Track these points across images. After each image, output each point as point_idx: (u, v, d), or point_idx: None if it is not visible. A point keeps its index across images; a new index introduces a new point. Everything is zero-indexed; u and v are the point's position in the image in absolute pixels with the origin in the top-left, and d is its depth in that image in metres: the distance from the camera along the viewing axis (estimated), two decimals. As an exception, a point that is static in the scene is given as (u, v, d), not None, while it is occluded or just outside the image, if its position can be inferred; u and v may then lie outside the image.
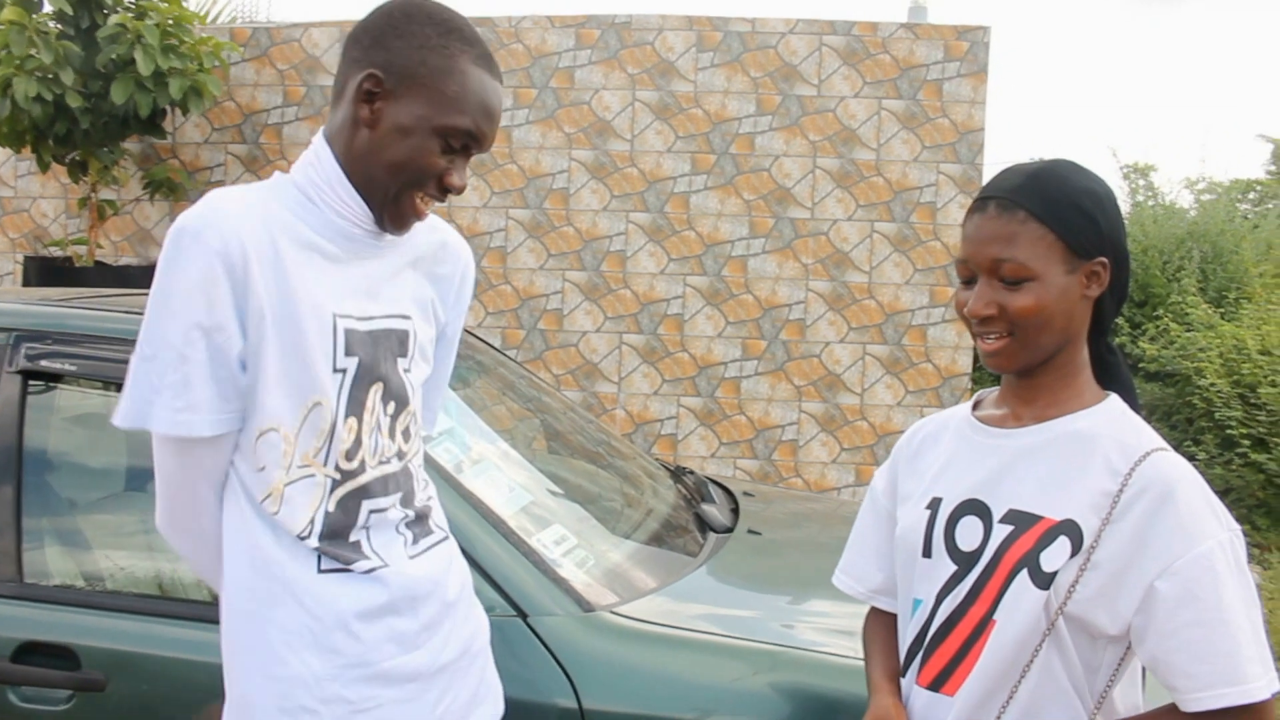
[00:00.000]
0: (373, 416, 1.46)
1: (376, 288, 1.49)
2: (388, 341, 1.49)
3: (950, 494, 1.44)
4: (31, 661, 2.04)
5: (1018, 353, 1.37)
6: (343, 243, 1.44)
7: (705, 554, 2.45)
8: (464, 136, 1.40)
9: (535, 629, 1.93)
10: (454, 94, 1.38)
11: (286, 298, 1.38)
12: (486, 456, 2.49)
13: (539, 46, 5.95)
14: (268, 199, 1.41)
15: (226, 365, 1.36)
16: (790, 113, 5.84)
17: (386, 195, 1.42)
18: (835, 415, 5.96)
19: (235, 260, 1.33)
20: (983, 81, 5.72)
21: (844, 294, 5.90)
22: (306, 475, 1.42)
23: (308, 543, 1.42)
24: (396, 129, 1.39)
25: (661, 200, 5.97)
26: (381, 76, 1.38)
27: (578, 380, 6.09)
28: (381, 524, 1.49)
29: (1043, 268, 1.33)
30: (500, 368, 3.14)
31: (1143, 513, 1.29)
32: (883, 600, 1.59)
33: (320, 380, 1.41)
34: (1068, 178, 1.37)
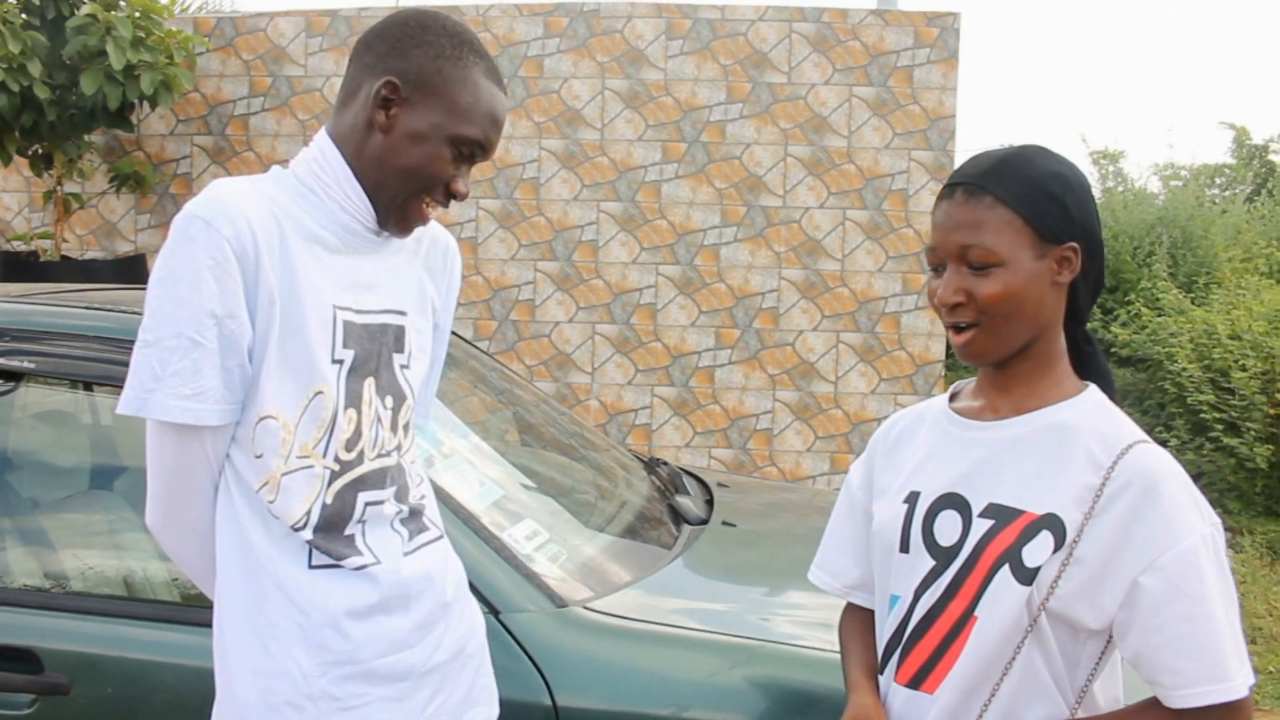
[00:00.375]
0: (371, 409, 1.47)
1: (374, 281, 1.50)
2: (383, 336, 1.50)
3: (928, 488, 1.42)
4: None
5: (988, 342, 1.35)
6: (344, 235, 1.46)
7: (680, 547, 2.43)
8: (474, 146, 1.44)
9: (508, 626, 1.90)
10: (467, 104, 1.42)
11: (292, 285, 1.39)
12: (457, 450, 2.46)
13: (507, 35, 5.90)
14: (274, 189, 1.44)
15: (237, 354, 1.37)
16: (761, 100, 5.82)
17: (395, 199, 1.44)
18: (809, 404, 5.96)
19: (247, 247, 1.35)
20: (953, 68, 5.72)
21: (817, 282, 5.89)
22: (305, 466, 1.42)
23: (302, 534, 1.41)
24: (411, 135, 1.42)
25: (633, 189, 5.94)
26: (399, 84, 1.41)
27: (551, 371, 6.06)
28: (377, 518, 1.48)
29: (1010, 253, 1.31)
30: (471, 360, 3.11)
31: (1126, 507, 1.28)
32: (859, 596, 1.57)
33: (321, 369, 1.41)
34: (1035, 162, 1.36)
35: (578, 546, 2.28)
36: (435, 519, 1.62)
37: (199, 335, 1.34)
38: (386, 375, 1.50)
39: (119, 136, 6.08)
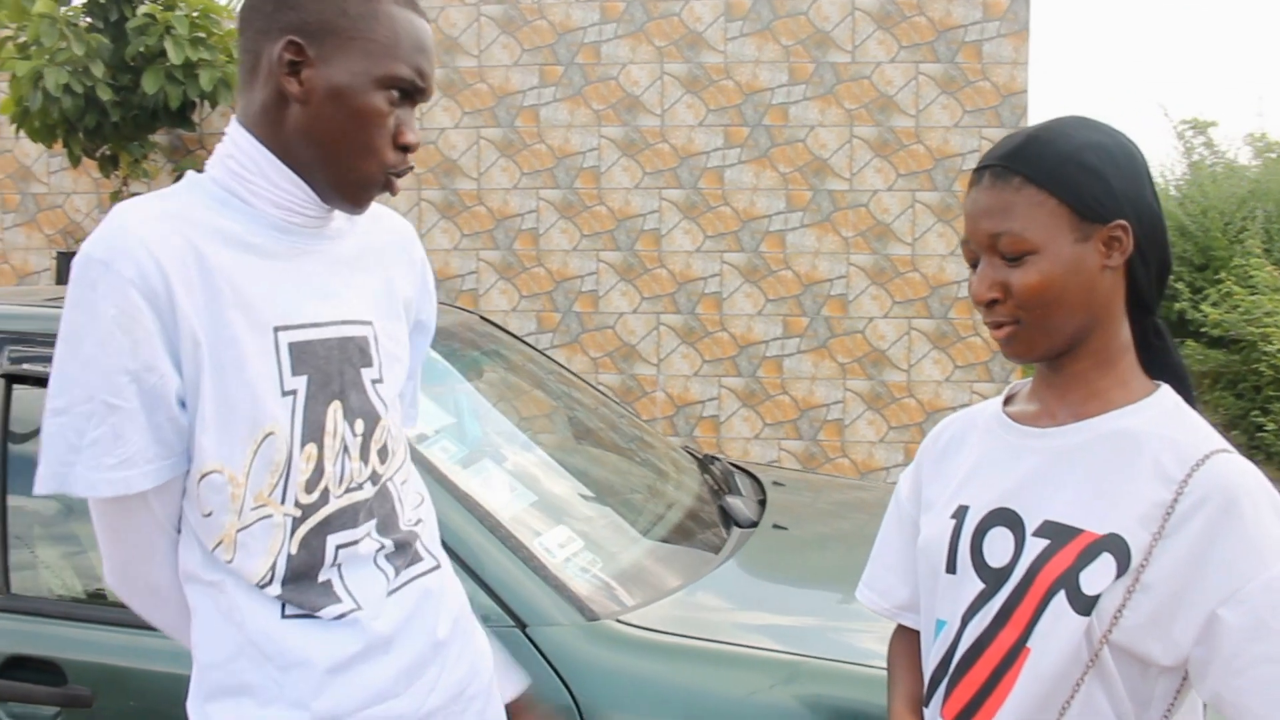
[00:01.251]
0: (335, 440, 1.29)
1: (329, 287, 1.31)
2: (345, 351, 1.31)
3: (977, 502, 1.26)
4: (18, 676, 1.97)
5: (1033, 338, 1.20)
6: (282, 238, 1.27)
7: (726, 552, 2.30)
8: (407, 84, 1.26)
9: (534, 640, 1.80)
10: (386, 40, 1.23)
11: (219, 317, 1.21)
12: (491, 453, 2.37)
13: (564, 22, 5.80)
14: (185, 203, 1.24)
15: (164, 408, 1.20)
16: (824, 81, 5.64)
17: (339, 174, 1.26)
18: (881, 393, 5.78)
19: (156, 287, 1.16)
20: (1024, 41, 5.48)
21: (886, 267, 5.70)
22: (262, 517, 1.25)
23: (269, 590, 1.26)
24: (333, 94, 1.23)
25: (695, 176, 5.81)
26: (301, 42, 1.22)
27: (615, 363, 5.96)
28: (354, 560, 1.31)
29: (1044, 238, 1.17)
30: (514, 353, 3.01)
31: (1202, 527, 1.11)
32: (909, 617, 1.41)
33: (268, 407, 1.23)
34: (1070, 133, 1.20)
35: (615, 554, 2.16)
36: (432, 547, 1.44)
37: (114, 397, 1.17)
38: (355, 395, 1.31)
39: (182, 136, 6.12)
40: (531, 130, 5.87)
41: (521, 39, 5.83)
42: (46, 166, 6.37)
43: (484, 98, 5.89)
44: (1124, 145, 1.21)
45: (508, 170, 5.90)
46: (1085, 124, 1.22)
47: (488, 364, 2.87)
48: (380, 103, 1.24)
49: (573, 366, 5.96)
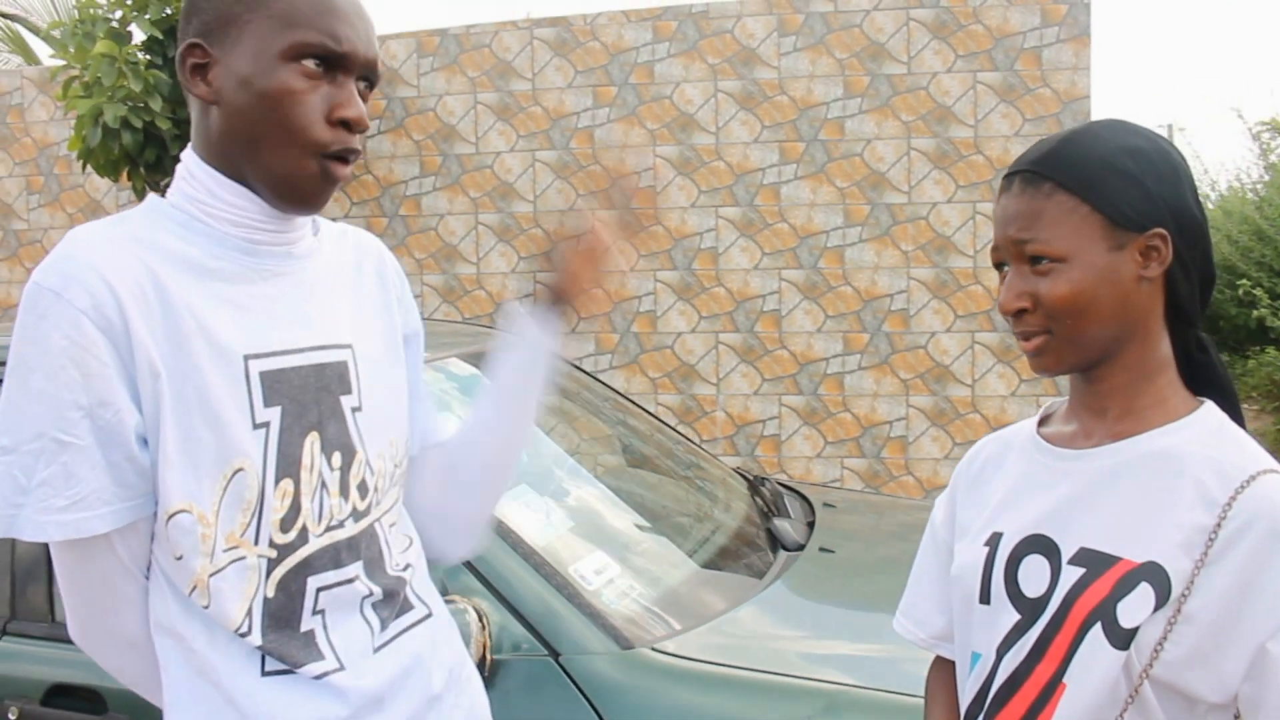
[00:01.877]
0: (313, 475, 1.19)
1: (302, 310, 1.22)
2: (323, 379, 1.21)
3: (1012, 529, 1.20)
4: (60, 704, 1.99)
5: (1062, 350, 1.14)
6: (247, 260, 1.19)
7: (770, 577, 2.24)
8: (320, 49, 1.14)
9: (567, 669, 1.77)
10: (283, 11, 1.13)
11: (181, 346, 1.12)
12: (533, 477, 2.34)
13: (616, 43, 5.80)
14: (143, 227, 1.17)
15: (122, 446, 1.11)
16: (880, 93, 5.56)
17: (270, 166, 1.15)
18: (946, 409, 5.66)
19: (111, 317, 1.09)
20: (1085, 46, 5.34)
21: (948, 280, 5.59)
22: (235, 560, 1.15)
23: (249, 640, 1.16)
24: (240, 85, 1.14)
25: (751, 193, 5.76)
26: (201, 43, 1.15)
27: (675, 383, 5.91)
28: (338, 605, 1.22)
29: (1074, 246, 1.11)
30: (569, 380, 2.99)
31: (1248, 553, 1.03)
32: (946, 647, 1.34)
33: (238, 441, 1.14)
34: (1104, 137, 1.14)
35: (655, 580, 2.12)
36: (423, 593, 1.34)
37: (65, 434, 1.08)
38: (334, 426, 1.22)
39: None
40: (586, 152, 5.87)
41: (575, 61, 5.84)
42: (116, 200, 6.53)
43: (539, 120, 5.90)
44: (1162, 149, 1.15)
45: (564, 192, 5.91)
46: (1122, 127, 1.16)
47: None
48: (290, 78, 1.13)
49: (632, 387, 5.93)
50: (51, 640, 2.06)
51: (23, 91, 6.55)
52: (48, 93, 6.48)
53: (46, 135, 6.54)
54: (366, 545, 1.25)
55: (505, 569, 1.85)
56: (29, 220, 6.62)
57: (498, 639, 1.79)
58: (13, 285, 6.69)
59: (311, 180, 1.17)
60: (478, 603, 1.78)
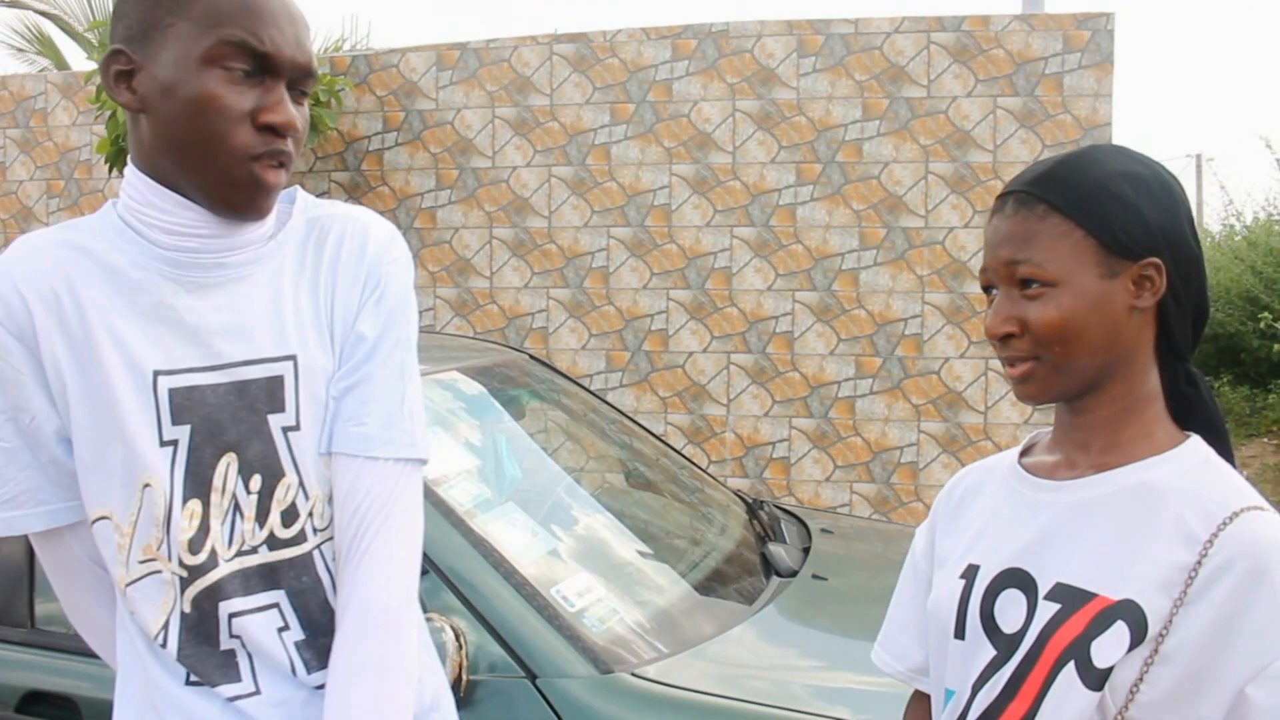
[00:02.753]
0: (224, 497, 1.15)
1: (237, 323, 1.17)
2: (247, 396, 1.16)
3: (989, 561, 1.16)
4: (35, 711, 1.97)
5: (1049, 378, 1.10)
6: (173, 271, 1.15)
7: (759, 603, 2.20)
8: (243, 52, 1.09)
9: (543, 692, 1.73)
10: (204, 14, 1.08)
11: (90, 359, 1.12)
12: (524, 496, 2.31)
13: (635, 60, 5.79)
14: (85, 234, 1.16)
15: (46, 448, 1.14)
16: (899, 116, 5.53)
17: (199, 172, 1.11)
18: (957, 435, 5.60)
19: (23, 325, 1.11)
20: (1107, 73, 5.30)
21: (963, 306, 5.54)
22: (151, 571, 1.15)
23: (166, 651, 1.15)
24: (163, 92, 1.10)
25: (767, 214, 5.72)
26: (125, 49, 1.12)
27: (685, 403, 5.88)
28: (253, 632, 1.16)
29: (1066, 271, 1.07)
30: (562, 393, 2.96)
31: (1228, 593, 0.99)
32: (924, 681, 1.30)
33: (144, 457, 1.13)
34: (1103, 161, 1.11)
35: (641, 603, 2.08)
36: None
37: None
38: (257, 446, 1.16)
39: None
40: (603, 168, 5.86)
41: (593, 77, 5.83)
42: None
43: (556, 136, 5.90)
44: (1160, 177, 1.11)
45: (579, 208, 5.90)
46: (1122, 153, 1.13)
47: (533, 403, 2.83)
48: (212, 84, 1.09)
49: (641, 406, 5.90)
50: (27, 646, 2.04)
51: (47, 96, 6.60)
52: (71, 97, 6.53)
53: (68, 140, 6.59)
54: (293, 575, 1.19)
55: (485, 587, 1.82)
56: (49, 223, 6.66)
57: (474, 658, 1.76)
58: (30, 287, 6.73)
59: (243, 187, 1.12)
60: (455, 621, 1.75)
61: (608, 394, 5.91)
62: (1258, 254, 8.85)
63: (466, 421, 2.41)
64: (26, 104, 6.62)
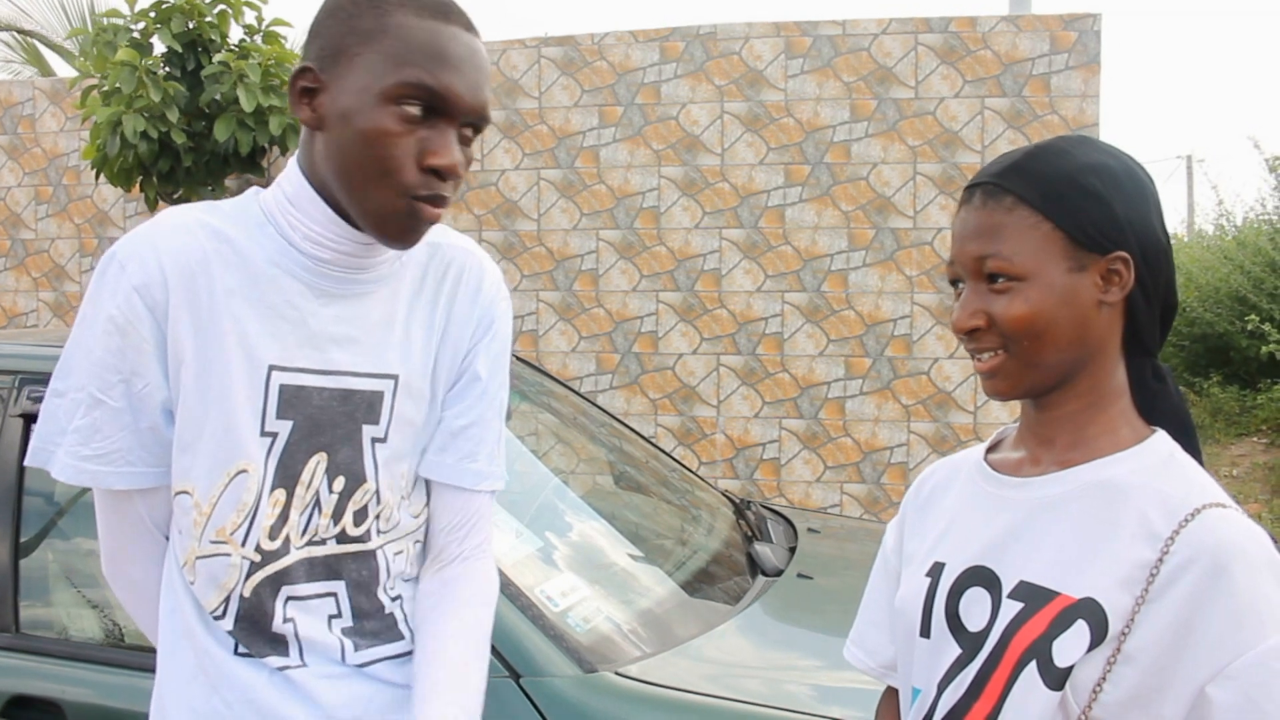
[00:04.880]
0: (308, 491, 1.23)
1: (350, 335, 1.24)
2: (348, 404, 1.24)
3: (955, 559, 1.15)
4: (21, 717, 1.97)
5: (1017, 373, 1.09)
6: (304, 275, 1.21)
7: (745, 602, 2.20)
8: (421, 94, 1.13)
9: (528, 691, 1.73)
10: (392, 51, 1.13)
11: (212, 342, 1.18)
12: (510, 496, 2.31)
13: (623, 63, 5.80)
14: (226, 219, 1.21)
15: (149, 415, 1.20)
16: (887, 117, 5.54)
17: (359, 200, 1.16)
18: (947, 435, 5.61)
19: (157, 297, 1.16)
20: (1095, 74, 5.32)
21: (952, 307, 5.54)
22: (220, 553, 1.22)
23: (222, 624, 1.24)
24: (341, 117, 1.14)
25: (755, 215, 5.74)
26: (313, 68, 1.17)
27: (675, 405, 5.88)
28: (306, 615, 1.25)
29: (1035, 265, 1.06)
30: (549, 395, 2.96)
31: (1188, 592, 0.98)
32: (895, 677, 1.30)
33: (244, 444, 1.20)
34: (1071, 153, 1.09)
35: (626, 603, 2.09)
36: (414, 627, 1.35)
37: (101, 393, 1.18)
38: (347, 452, 1.25)
39: (251, 180, 6.24)
40: (591, 171, 5.86)
41: (581, 80, 5.84)
42: (123, 211, 6.55)
43: (544, 139, 5.91)
44: (1130, 169, 1.10)
45: (568, 211, 5.90)
46: (1088, 143, 1.12)
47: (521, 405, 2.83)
48: (387, 120, 1.13)
49: (632, 408, 5.90)
50: (13, 651, 2.04)
51: (34, 102, 6.60)
52: (59, 103, 6.52)
53: (56, 145, 6.58)
54: (354, 568, 1.28)
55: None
56: (36, 230, 6.65)
57: (458, 659, 1.75)
58: (19, 294, 6.71)
59: (400, 219, 1.17)
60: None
61: (598, 396, 5.92)
62: (1246, 254, 8.88)
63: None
64: (14, 110, 6.61)
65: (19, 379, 2.15)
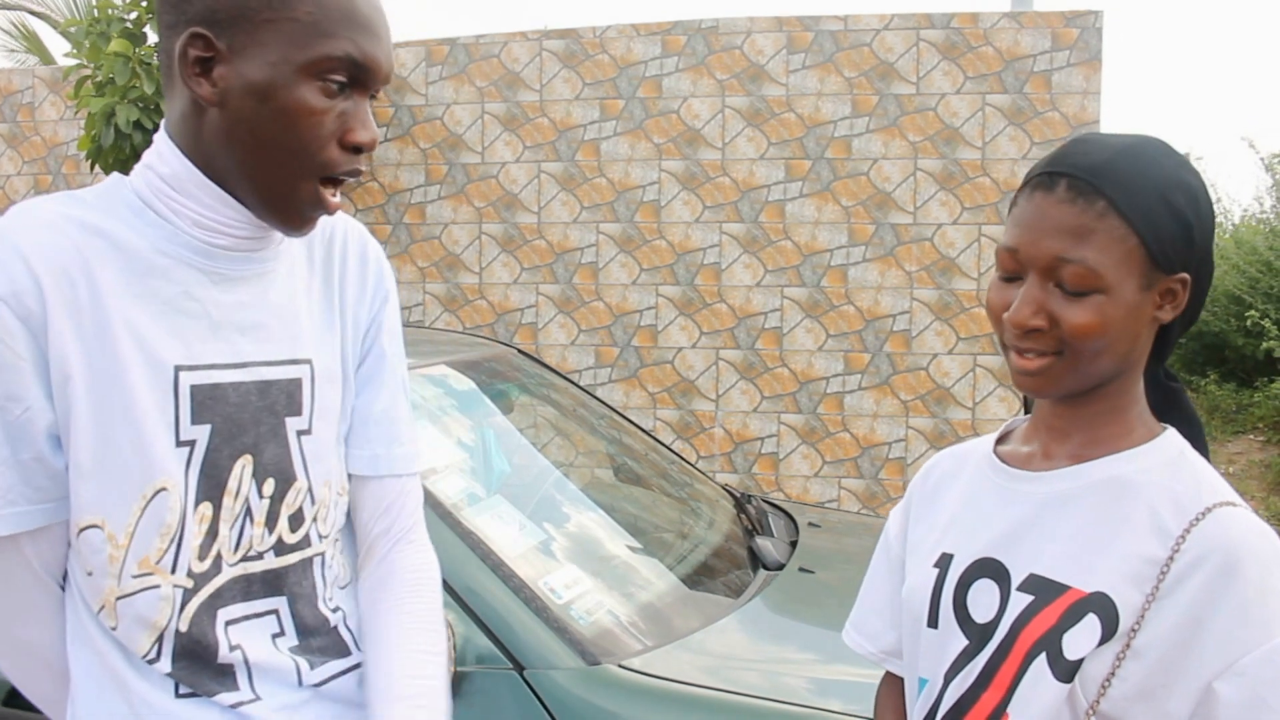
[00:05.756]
0: (237, 501, 1.10)
1: (257, 320, 1.12)
2: (266, 397, 1.12)
3: (963, 551, 1.16)
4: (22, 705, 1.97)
5: (1063, 376, 1.06)
6: (201, 261, 1.08)
7: (746, 595, 2.21)
8: (345, 66, 1.03)
9: (531, 684, 1.74)
10: (310, 16, 1.01)
11: (105, 349, 1.03)
12: (512, 489, 2.32)
13: (624, 56, 5.79)
14: (94, 210, 1.06)
15: (30, 445, 1.02)
16: (888, 113, 5.54)
17: (270, 184, 1.05)
18: (945, 431, 5.62)
19: (31, 307, 1.00)
20: (1096, 70, 5.32)
21: (951, 302, 5.55)
22: (147, 587, 1.07)
23: (157, 666, 1.08)
24: (251, 92, 1.02)
25: (756, 209, 5.74)
26: (207, 34, 1.02)
27: (674, 398, 5.89)
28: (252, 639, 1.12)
29: (1117, 278, 1.02)
30: (552, 388, 2.97)
31: (1199, 588, 0.99)
32: (896, 663, 1.31)
33: (159, 459, 1.05)
34: (1162, 164, 1.05)
35: (629, 596, 2.09)
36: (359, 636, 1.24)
37: None
38: (272, 450, 1.13)
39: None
40: (592, 164, 5.86)
41: (583, 73, 5.84)
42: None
43: (545, 132, 5.90)
44: (1206, 191, 1.08)
45: (568, 204, 5.90)
46: (1172, 154, 1.08)
47: (522, 398, 2.83)
48: (311, 96, 1.03)
49: (630, 402, 5.91)
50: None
51: (34, 90, 6.58)
52: (58, 92, 6.51)
53: (56, 134, 6.57)
54: (295, 580, 1.17)
55: (472, 580, 1.82)
56: (36, 218, 6.64)
57: (462, 651, 1.76)
58: (18, 282, 6.71)
59: (305, 203, 1.08)
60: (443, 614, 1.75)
61: (597, 389, 5.92)
62: (1242, 253, 8.89)
63: (455, 416, 2.42)
64: (14, 99, 6.60)
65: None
